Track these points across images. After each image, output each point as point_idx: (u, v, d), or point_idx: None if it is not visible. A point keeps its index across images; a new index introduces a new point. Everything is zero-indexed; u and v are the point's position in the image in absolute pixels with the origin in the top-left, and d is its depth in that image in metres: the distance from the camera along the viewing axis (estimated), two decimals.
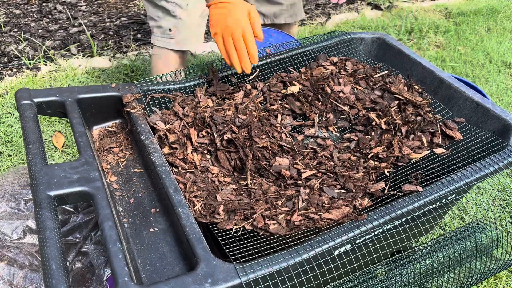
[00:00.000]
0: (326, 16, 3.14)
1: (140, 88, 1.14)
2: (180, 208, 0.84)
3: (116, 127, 1.14)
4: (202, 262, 0.74)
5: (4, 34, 2.63)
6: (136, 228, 0.91)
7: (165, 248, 0.86)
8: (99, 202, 0.81)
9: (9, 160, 1.79)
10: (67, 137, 1.90)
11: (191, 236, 0.78)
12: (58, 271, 0.68)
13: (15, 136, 1.89)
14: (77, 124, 1.00)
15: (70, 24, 2.79)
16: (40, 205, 0.78)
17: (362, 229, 0.84)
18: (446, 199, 1.00)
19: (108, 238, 0.75)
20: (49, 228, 0.74)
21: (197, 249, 0.76)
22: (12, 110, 2.01)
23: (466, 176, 0.95)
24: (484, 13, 3.04)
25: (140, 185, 1.00)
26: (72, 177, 0.85)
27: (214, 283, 0.71)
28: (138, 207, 0.95)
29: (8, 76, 2.28)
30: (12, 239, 1.09)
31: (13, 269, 1.03)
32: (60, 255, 0.71)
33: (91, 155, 0.91)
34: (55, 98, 1.05)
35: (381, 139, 1.11)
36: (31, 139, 0.92)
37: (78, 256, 1.09)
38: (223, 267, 0.73)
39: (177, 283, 0.70)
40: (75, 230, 1.12)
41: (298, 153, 1.07)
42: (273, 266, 0.75)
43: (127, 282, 0.69)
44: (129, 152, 1.08)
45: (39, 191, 0.80)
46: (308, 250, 0.79)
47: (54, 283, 0.66)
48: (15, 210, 1.14)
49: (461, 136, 1.10)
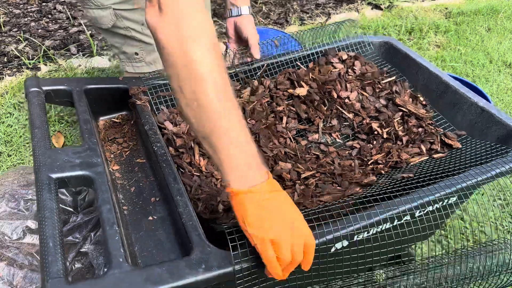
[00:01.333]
0: (326, 16, 3.16)
1: (146, 82, 1.16)
2: (178, 196, 0.85)
3: (121, 119, 1.16)
4: (196, 248, 0.74)
5: (3, 34, 2.63)
6: (135, 216, 0.92)
7: (162, 236, 0.87)
8: (99, 186, 0.82)
9: (9, 160, 1.79)
10: (67, 137, 1.91)
11: (188, 223, 0.79)
12: (55, 248, 0.69)
13: (14, 136, 1.90)
14: (82, 112, 1.02)
15: (70, 24, 2.78)
16: (41, 186, 0.79)
17: (357, 226, 0.83)
18: (447, 201, 0.99)
19: (106, 220, 0.76)
20: (48, 208, 0.75)
21: (193, 235, 0.77)
22: (12, 110, 2.02)
23: (466, 178, 0.95)
24: (485, 13, 3.03)
25: (142, 174, 1.02)
26: (74, 161, 0.86)
27: (208, 269, 0.71)
28: (139, 196, 0.96)
29: (8, 76, 2.27)
30: (12, 239, 1.08)
31: (12, 269, 1.03)
32: (58, 234, 0.72)
33: (95, 141, 0.93)
34: (63, 87, 1.07)
35: (382, 148, 1.12)
36: (37, 124, 0.94)
37: (78, 256, 1.09)
38: (217, 254, 0.74)
39: (171, 266, 0.70)
40: (75, 230, 1.11)
41: (300, 159, 1.08)
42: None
43: (121, 263, 0.69)
44: (133, 143, 1.09)
45: (42, 173, 0.82)
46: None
47: (50, 260, 0.67)
48: (14, 210, 1.14)
49: (459, 145, 1.11)
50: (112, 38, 1.34)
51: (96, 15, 1.24)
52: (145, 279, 0.68)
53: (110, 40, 1.36)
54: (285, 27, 2.96)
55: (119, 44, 1.35)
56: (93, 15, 1.25)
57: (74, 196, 1.19)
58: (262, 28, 1.83)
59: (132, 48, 1.34)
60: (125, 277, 0.68)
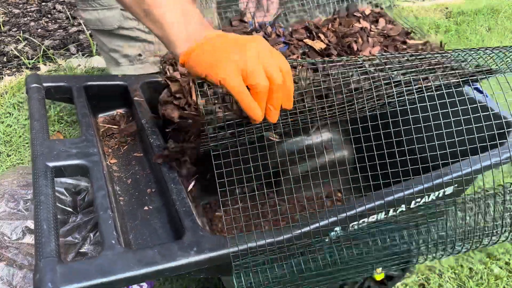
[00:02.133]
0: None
1: (146, 79, 1.18)
2: (173, 184, 0.86)
3: (120, 115, 1.18)
4: (188, 231, 0.75)
5: (3, 34, 2.62)
6: (131, 206, 0.93)
7: (157, 225, 0.88)
8: (95, 174, 0.84)
9: (8, 160, 1.80)
10: (66, 137, 1.92)
11: (181, 209, 0.80)
12: (49, 231, 0.70)
13: (14, 136, 1.91)
14: (82, 107, 1.04)
15: (70, 24, 2.78)
16: (38, 173, 0.81)
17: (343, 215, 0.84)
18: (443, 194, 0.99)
19: (100, 206, 0.77)
20: (43, 193, 0.76)
21: (185, 221, 0.78)
22: (11, 110, 2.03)
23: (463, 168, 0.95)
24: (485, 12, 3.04)
25: (139, 167, 1.03)
26: (71, 151, 0.88)
27: (200, 252, 0.72)
28: (135, 187, 0.97)
29: (7, 75, 2.27)
30: (11, 240, 1.09)
31: (12, 270, 1.04)
32: (52, 218, 0.73)
33: (92, 133, 0.94)
34: (63, 84, 1.10)
35: None
36: (36, 118, 0.96)
37: (77, 256, 1.09)
38: (209, 238, 0.75)
39: (163, 248, 0.71)
40: (74, 231, 1.12)
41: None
42: (261, 241, 0.76)
43: (114, 245, 0.70)
44: (131, 138, 1.11)
45: (39, 161, 0.83)
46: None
47: (44, 241, 0.68)
48: (14, 210, 1.15)
49: None
50: (112, 42, 1.32)
51: (101, 16, 1.24)
52: (137, 260, 0.69)
53: (110, 44, 1.33)
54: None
55: (120, 48, 1.33)
56: (97, 16, 1.25)
57: (73, 196, 1.20)
58: None
59: (135, 49, 1.33)
60: (117, 258, 0.69)
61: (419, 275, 1.53)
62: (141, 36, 1.30)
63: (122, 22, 1.25)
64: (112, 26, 1.26)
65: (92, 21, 1.29)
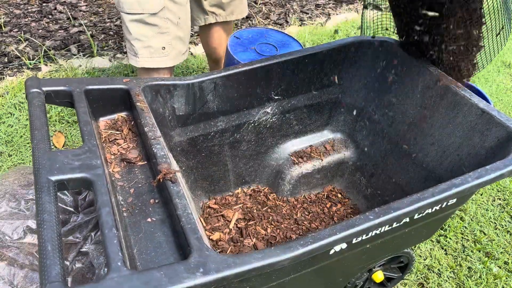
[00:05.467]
0: (326, 16, 3.15)
1: (148, 83, 1.16)
2: (177, 198, 0.85)
3: (122, 120, 1.16)
4: (195, 251, 0.75)
5: (4, 34, 2.63)
6: (134, 218, 0.92)
7: (161, 238, 0.87)
8: (99, 188, 0.83)
9: (9, 160, 1.80)
10: (67, 137, 1.92)
11: (186, 226, 0.79)
12: (53, 252, 0.69)
13: (15, 136, 1.90)
14: (82, 113, 1.02)
15: (71, 24, 2.78)
16: (40, 188, 0.79)
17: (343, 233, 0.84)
18: (447, 204, 0.99)
19: (105, 224, 0.76)
20: (47, 211, 0.75)
21: (191, 239, 0.77)
22: (12, 110, 2.02)
23: (466, 181, 0.95)
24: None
25: (142, 176, 1.02)
26: (74, 164, 0.86)
27: (206, 273, 0.71)
28: (138, 197, 0.96)
29: (9, 76, 2.28)
30: (13, 239, 1.09)
31: (13, 269, 1.04)
32: (56, 237, 0.72)
33: (94, 143, 0.93)
34: (63, 88, 1.07)
35: None
36: (37, 126, 0.94)
37: (78, 256, 1.09)
38: (216, 258, 0.74)
39: (169, 270, 0.71)
40: (75, 230, 1.12)
41: None
42: (265, 260, 0.76)
43: (120, 267, 0.70)
44: (133, 144, 1.09)
45: (41, 175, 0.82)
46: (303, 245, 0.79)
47: (48, 263, 0.68)
48: (15, 210, 1.14)
49: None
50: (139, 30, 1.33)
51: None
52: (143, 283, 0.68)
53: (136, 32, 1.34)
54: (284, 28, 2.96)
55: (146, 38, 1.34)
56: None
57: (74, 196, 1.19)
58: (262, 29, 1.83)
59: (159, 41, 1.35)
60: (123, 282, 0.68)
61: (418, 275, 1.54)
62: (171, 28, 1.32)
63: (163, 8, 1.27)
64: (153, 9, 1.29)
65: (128, 3, 1.28)
